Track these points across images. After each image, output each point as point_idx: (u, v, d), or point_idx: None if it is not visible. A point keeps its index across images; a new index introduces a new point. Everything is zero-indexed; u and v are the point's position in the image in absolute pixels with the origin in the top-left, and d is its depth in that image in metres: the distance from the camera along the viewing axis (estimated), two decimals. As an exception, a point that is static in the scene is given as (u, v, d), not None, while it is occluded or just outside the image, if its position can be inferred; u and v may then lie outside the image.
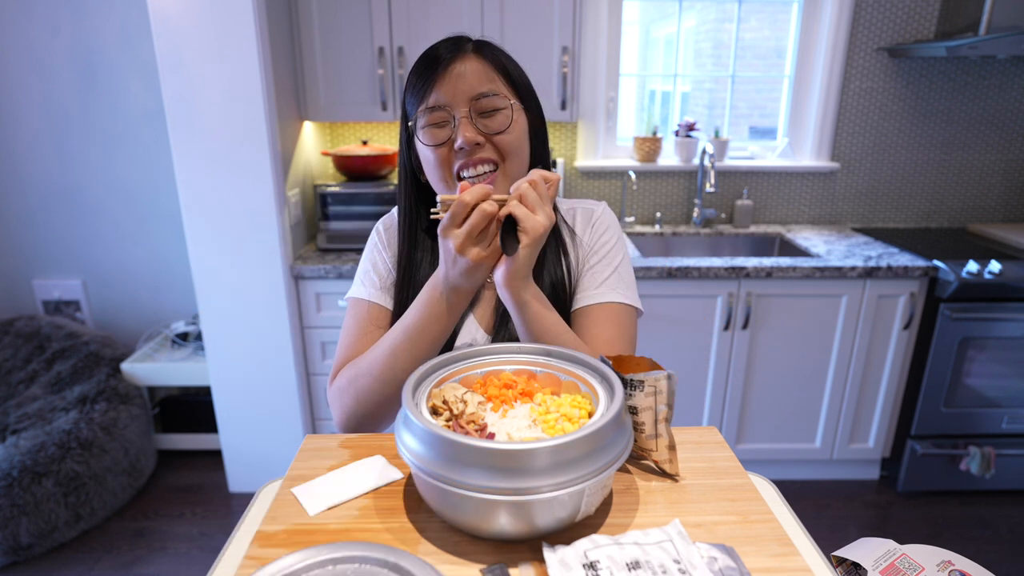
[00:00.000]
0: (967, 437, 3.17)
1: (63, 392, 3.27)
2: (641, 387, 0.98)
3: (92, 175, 3.54)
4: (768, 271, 2.95)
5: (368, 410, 1.24)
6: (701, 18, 3.79)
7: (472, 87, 1.22)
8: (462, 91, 1.22)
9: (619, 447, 0.86)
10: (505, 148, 1.25)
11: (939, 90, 3.51)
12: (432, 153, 1.25)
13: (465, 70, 1.22)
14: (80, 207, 3.59)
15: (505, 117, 1.24)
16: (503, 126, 1.24)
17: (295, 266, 2.97)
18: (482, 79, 1.23)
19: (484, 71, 1.24)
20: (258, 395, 3.11)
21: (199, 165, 2.77)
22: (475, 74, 1.23)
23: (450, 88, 1.22)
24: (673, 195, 3.72)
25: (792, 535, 0.90)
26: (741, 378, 3.16)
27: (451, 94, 1.22)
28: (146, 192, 3.57)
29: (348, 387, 1.25)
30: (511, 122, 1.24)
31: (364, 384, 1.22)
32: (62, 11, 3.28)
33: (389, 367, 1.19)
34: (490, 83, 1.24)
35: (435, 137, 1.24)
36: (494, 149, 1.24)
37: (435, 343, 1.20)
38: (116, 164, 3.52)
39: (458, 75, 1.22)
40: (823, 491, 3.33)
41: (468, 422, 0.94)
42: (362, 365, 1.24)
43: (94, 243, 3.66)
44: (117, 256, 3.69)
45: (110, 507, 3.10)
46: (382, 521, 0.92)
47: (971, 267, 2.89)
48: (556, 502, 0.81)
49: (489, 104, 1.23)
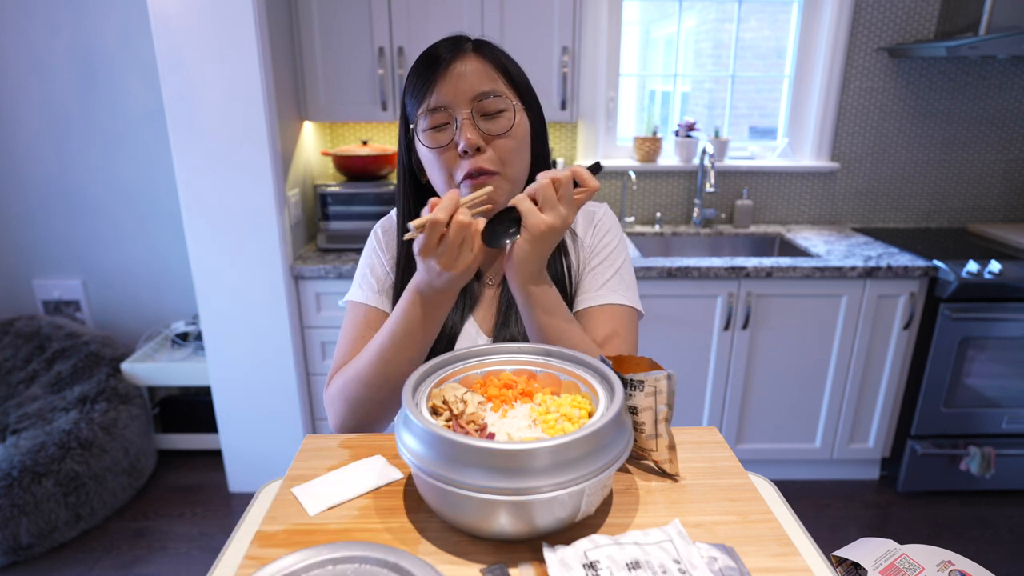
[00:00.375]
0: (967, 437, 3.17)
1: (63, 392, 3.27)
2: (641, 387, 0.98)
3: (92, 175, 3.54)
4: (768, 271, 2.95)
5: (361, 415, 1.23)
6: (701, 18, 3.79)
7: (473, 87, 1.20)
8: (463, 91, 1.20)
9: (619, 447, 0.86)
10: (507, 152, 1.23)
11: (939, 90, 3.51)
12: (434, 156, 1.23)
13: (466, 70, 1.21)
14: (80, 207, 3.59)
15: (507, 119, 1.23)
16: (505, 128, 1.22)
17: (295, 266, 2.96)
18: (483, 79, 1.22)
19: (485, 70, 1.22)
20: (258, 395, 3.11)
21: (199, 165, 2.77)
22: (476, 74, 1.21)
23: (451, 88, 1.20)
24: (673, 195, 3.72)
25: (792, 535, 0.90)
26: (741, 378, 3.16)
27: (452, 94, 1.20)
28: (146, 192, 3.57)
29: (340, 393, 1.25)
30: (513, 124, 1.23)
31: (355, 390, 1.22)
32: (62, 11, 3.28)
33: (379, 372, 1.19)
34: (491, 83, 1.22)
35: (436, 140, 1.23)
36: (495, 153, 1.22)
37: (423, 345, 1.19)
38: (116, 164, 3.52)
39: (458, 75, 1.20)
40: (823, 491, 3.33)
41: (468, 422, 0.94)
42: (352, 371, 1.23)
43: (94, 243, 3.67)
44: (117, 256, 3.69)
45: (110, 507, 3.10)
46: (382, 521, 0.92)
47: (971, 267, 2.89)
48: (556, 502, 0.81)
49: (491, 105, 1.21)
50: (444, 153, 1.22)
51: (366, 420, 1.24)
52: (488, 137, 1.22)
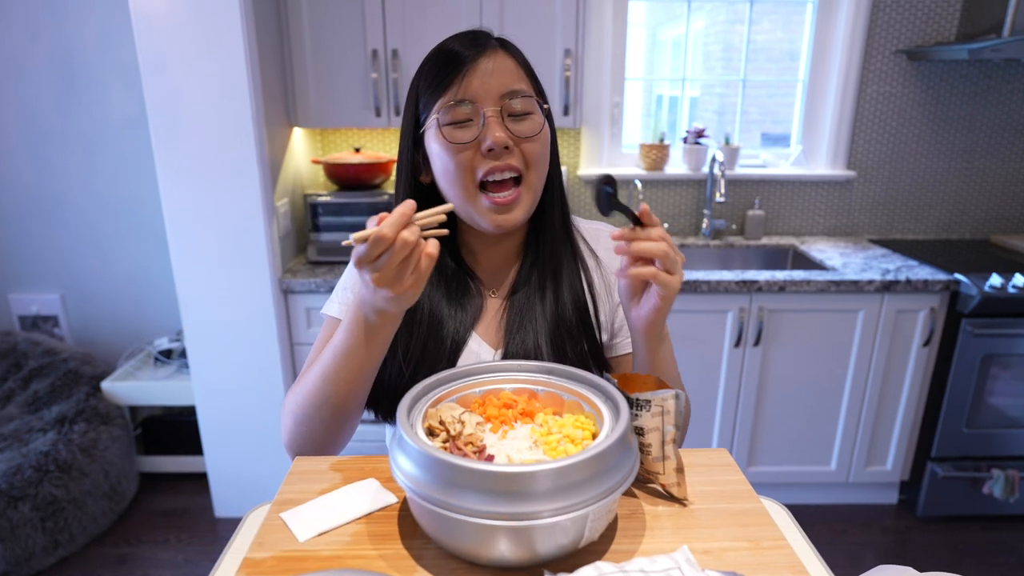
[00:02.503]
0: (990, 459, 3.17)
1: (40, 412, 3.27)
2: (648, 407, 0.98)
3: (71, 184, 3.55)
4: (781, 285, 2.96)
5: (305, 432, 1.22)
6: (711, 19, 3.81)
7: (504, 84, 1.19)
8: (493, 87, 1.19)
9: (624, 470, 0.87)
10: (532, 157, 1.22)
11: (961, 95, 3.52)
12: (452, 157, 1.20)
13: (495, 66, 1.19)
14: (58, 217, 3.60)
15: (535, 122, 1.22)
16: (533, 131, 1.21)
17: (284, 280, 2.97)
18: (513, 77, 1.21)
19: (514, 68, 1.22)
20: (245, 415, 3.11)
21: (183, 173, 2.77)
22: (506, 70, 1.20)
23: (479, 83, 1.18)
24: (681, 205, 3.73)
25: (806, 562, 0.90)
26: (753, 397, 3.16)
27: (480, 89, 1.18)
28: (128, 202, 3.57)
29: (288, 408, 1.24)
30: (541, 129, 1.22)
31: (299, 406, 1.21)
32: (40, 13, 3.29)
33: (320, 392, 1.17)
34: (520, 81, 1.22)
35: (457, 137, 1.19)
36: (520, 156, 1.21)
37: (364, 367, 1.15)
38: (96, 172, 3.53)
39: (488, 71, 1.19)
40: (839, 516, 3.33)
41: (466, 443, 0.94)
42: (300, 386, 1.22)
43: (73, 255, 3.67)
44: (97, 269, 3.69)
45: (90, 533, 3.09)
46: (375, 547, 0.92)
47: (994, 281, 2.89)
48: (558, 528, 0.81)
49: (521, 106, 1.20)
50: (463, 151, 1.20)
51: (311, 440, 1.22)
52: (516, 139, 1.20)
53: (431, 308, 1.31)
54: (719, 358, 3.10)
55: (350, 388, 1.15)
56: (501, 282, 1.39)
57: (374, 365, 1.17)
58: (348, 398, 1.17)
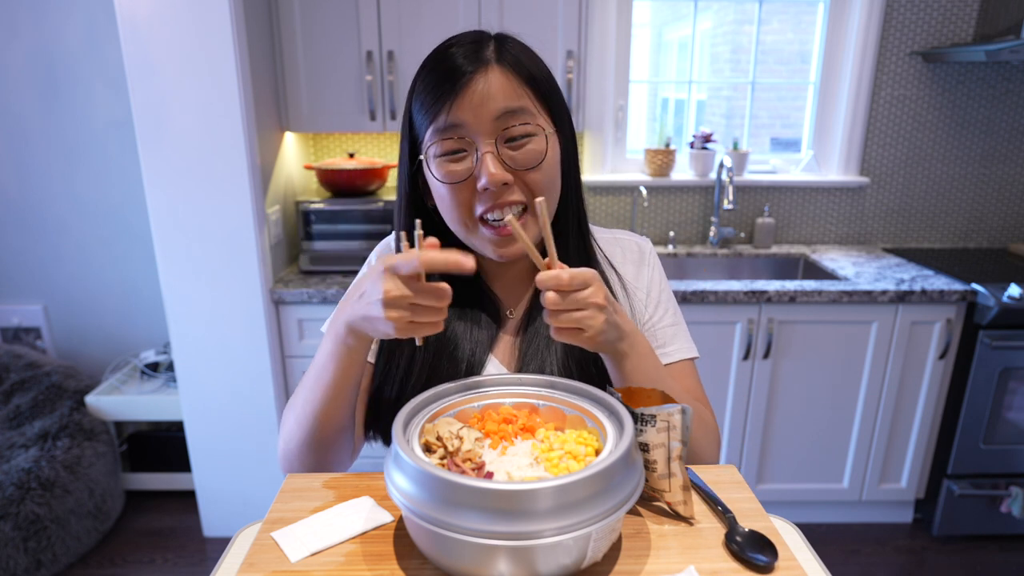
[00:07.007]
0: (1008, 477, 3.16)
1: (22, 427, 3.27)
2: (653, 422, 0.98)
3: (54, 191, 3.55)
4: (791, 295, 2.96)
5: (295, 453, 1.21)
6: (718, 20, 3.82)
7: (500, 105, 1.12)
8: (487, 111, 1.12)
9: (629, 487, 0.87)
10: (537, 186, 1.16)
11: (978, 98, 3.53)
12: (447, 192, 1.16)
13: (489, 86, 1.12)
14: (41, 226, 3.60)
15: (537, 148, 1.15)
16: (535, 160, 1.15)
17: (275, 290, 2.97)
18: (508, 95, 1.13)
19: (510, 86, 1.14)
20: (235, 431, 3.10)
21: (170, 180, 2.78)
22: (502, 89, 1.13)
23: (469, 110, 1.12)
24: (688, 212, 3.73)
25: (817, 584, 0.91)
26: (762, 412, 3.15)
27: (471, 116, 1.12)
28: (113, 210, 3.58)
29: (282, 427, 1.24)
30: (545, 155, 1.16)
31: (289, 426, 1.21)
32: (20, 12, 3.30)
33: (305, 411, 1.17)
34: (518, 99, 1.14)
35: (451, 173, 1.15)
36: (524, 187, 1.16)
37: (335, 385, 1.12)
38: (80, 179, 3.53)
39: (482, 93, 1.12)
40: (852, 535, 3.32)
41: (464, 460, 0.94)
42: (291, 404, 1.23)
43: (56, 265, 3.67)
44: (81, 279, 3.70)
45: (74, 553, 3.09)
46: (370, 568, 0.92)
47: (1013, 291, 2.89)
48: (560, 547, 0.82)
49: (519, 129, 1.13)
50: (459, 188, 1.15)
51: (299, 460, 1.22)
52: (515, 170, 1.15)
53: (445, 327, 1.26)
54: (727, 371, 3.10)
55: (324, 408, 1.14)
56: (519, 298, 1.35)
57: (347, 383, 1.14)
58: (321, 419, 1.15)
